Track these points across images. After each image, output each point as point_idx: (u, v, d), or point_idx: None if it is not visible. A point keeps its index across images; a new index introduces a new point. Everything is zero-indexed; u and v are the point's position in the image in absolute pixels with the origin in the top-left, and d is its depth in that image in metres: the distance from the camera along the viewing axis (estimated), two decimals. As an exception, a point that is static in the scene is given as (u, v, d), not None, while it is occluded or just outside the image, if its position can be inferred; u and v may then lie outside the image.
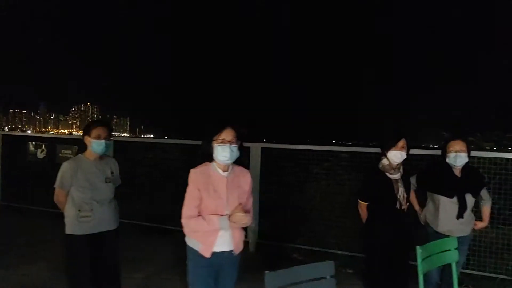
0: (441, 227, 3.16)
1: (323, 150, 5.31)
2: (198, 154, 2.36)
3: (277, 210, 5.54)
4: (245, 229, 3.47)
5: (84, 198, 2.95)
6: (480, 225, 3.36)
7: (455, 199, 3.13)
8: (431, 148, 5.57)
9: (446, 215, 3.16)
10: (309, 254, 5.11)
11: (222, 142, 2.29)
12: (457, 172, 3.19)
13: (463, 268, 4.34)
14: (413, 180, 3.36)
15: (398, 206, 3.13)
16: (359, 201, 3.30)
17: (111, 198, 3.14)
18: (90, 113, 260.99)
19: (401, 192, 3.14)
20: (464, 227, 3.19)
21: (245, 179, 2.46)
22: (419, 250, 2.26)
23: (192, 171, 2.32)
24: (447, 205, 3.15)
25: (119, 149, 6.11)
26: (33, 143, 6.97)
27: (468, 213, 3.18)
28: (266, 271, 1.76)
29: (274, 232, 5.38)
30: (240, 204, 2.30)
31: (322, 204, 5.41)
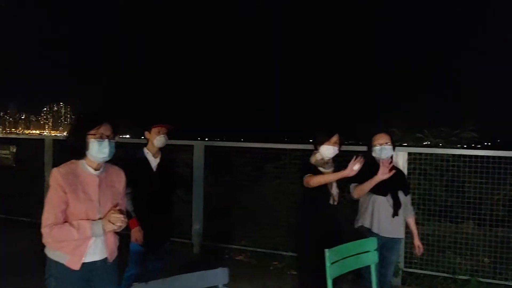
0: (376, 227, 3.01)
1: (273, 148, 5.15)
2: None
3: (223, 210, 5.36)
4: (164, 231, 3.26)
5: None
6: (418, 244, 3.22)
7: (389, 196, 3.03)
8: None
9: (381, 214, 3.02)
10: (255, 255, 4.95)
11: (100, 137, 2.06)
12: None
13: (405, 267, 4.28)
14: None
15: (331, 201, 3.11)
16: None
17: None
18: (63, 113, 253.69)
19: (334, 187, 3.13)
20: (398, 227, 3.08)
21: (119, 179, 2.24)
22: (326, 253, 2.09)
23: (55, 170, 2.03)
24: (382, 204, 3.02)
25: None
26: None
27: (401, 212, 3.07)
28: (135, 283, 1.55)
29: (220, 233, 5.19)
30: (116, 205, 2.07)
31: (271, 204, 5.26)
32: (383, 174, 2.83)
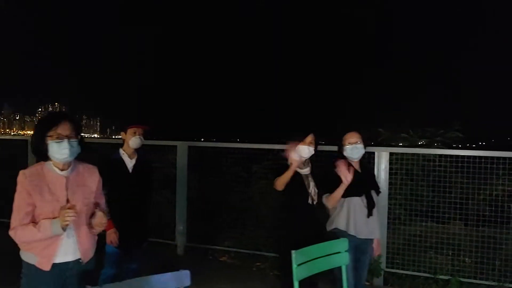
0: (353, 229, 2.97)
1: (258, 148, 5.10)
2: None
3: (207, 211, 5.32)
4: (140, 232, 3.24)
5: None
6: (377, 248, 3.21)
7: (363, 196, 3.00)
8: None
9: (357, 215, 2.99)
10: (238, 256, 4.92)
11: (58, 138, 2.01)
12: (357, 168, 3.06)
13: (387, 267, 4.27)
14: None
15: (310, 201, 3.10)
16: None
17: None
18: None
19: (312, 187, 3.13)
20: (374, 227, 3.05)
21: (92, 178, 2.20)
22: (293, 254, 2.07)
23: (21, 172, 2.02)
24: (357, 205, 2.98)
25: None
26: None
27: (375, 212, 3.04)
28: (88, 286, 1.52)
29: (205, 234, 5.16)
30: (94, 206, 2.07)
31: (255, 205, 5.23)
32: (346, 177, 2.80)
